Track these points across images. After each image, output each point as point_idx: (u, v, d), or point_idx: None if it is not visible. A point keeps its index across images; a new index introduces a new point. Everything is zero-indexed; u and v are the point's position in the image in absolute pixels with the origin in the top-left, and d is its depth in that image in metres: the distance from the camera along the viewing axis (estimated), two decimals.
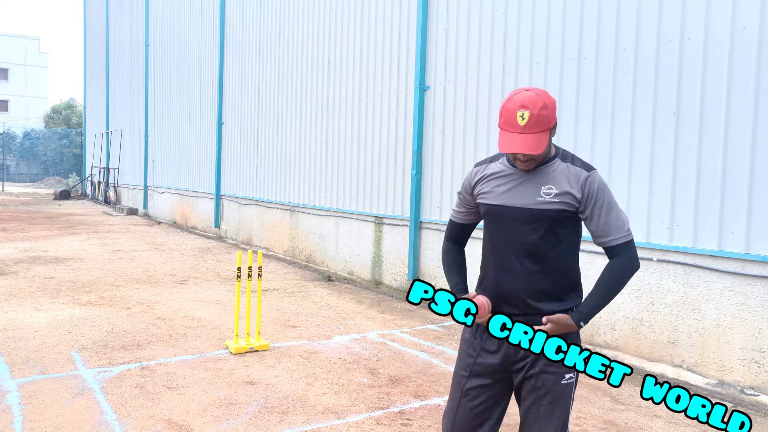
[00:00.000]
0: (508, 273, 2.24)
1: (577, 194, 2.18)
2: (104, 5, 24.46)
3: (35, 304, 6.56)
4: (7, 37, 57.56)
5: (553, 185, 2.19)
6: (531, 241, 2.20)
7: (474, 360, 2.32)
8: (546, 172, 2.23)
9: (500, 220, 2.26)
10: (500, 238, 2.27)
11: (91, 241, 11.97)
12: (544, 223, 2.19)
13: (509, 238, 2.24)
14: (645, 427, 3.87)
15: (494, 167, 2.33)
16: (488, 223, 2.32)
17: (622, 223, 2.26)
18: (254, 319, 5.58)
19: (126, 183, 21.58)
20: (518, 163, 2.20)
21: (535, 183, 2.22)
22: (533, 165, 2.21)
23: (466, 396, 2.32)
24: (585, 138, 5.60)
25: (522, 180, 2.24)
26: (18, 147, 49.21)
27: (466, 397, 2.32)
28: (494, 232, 2.29)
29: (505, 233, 2.25)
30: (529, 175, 2.23)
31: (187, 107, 15.72)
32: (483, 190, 2.31)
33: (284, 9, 10.97)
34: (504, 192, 2.25)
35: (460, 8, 7.01)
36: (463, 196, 2.41)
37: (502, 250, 2.26)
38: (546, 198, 2.18)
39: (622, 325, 5.29)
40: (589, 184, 2.19)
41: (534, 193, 2.20)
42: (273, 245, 11.32)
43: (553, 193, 2.19)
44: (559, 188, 2.19)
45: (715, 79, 4.66)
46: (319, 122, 9.86)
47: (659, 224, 5.03)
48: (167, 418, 3.75)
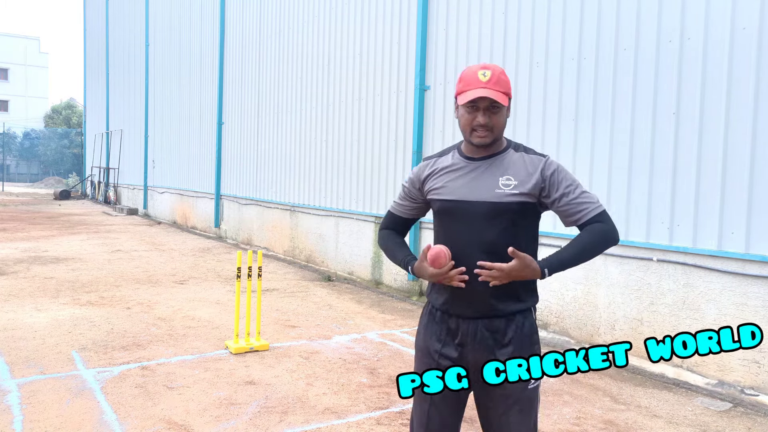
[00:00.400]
0: (469, 273, 2.07)
1: (539, 181, 2.10)
2: (104, 5, 24.46)
3: (35, 304, 6.56)
4: (7, 37, 57.56)
5: (512, 175, 2.10)
6: (492, 237, 2.08)
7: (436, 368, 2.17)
8: (501, 163, 2.13)
9: (457, 216, 2.12)
10: (458, 236, 2.11)
11: (91, 241, 11.97)
12: (505, 217, 2.08)
13: (468, 235, 2.09)
14: (645, 427, 3.87)
15: (445, 161, 2.21)
16: (443, 220, 2.18)
17: (593, 196, 2.16)
18: (254, 319, 5.58)
19: (126, 183, 21.58)
20: (475, 136, 2.08)
21: (491, 174, 2.11)
22: (491, 138, 2.10)
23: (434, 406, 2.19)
24: (585, 138, 5.60)
25: (477, 172, 2.13)
26: (18, 147, 49.21)
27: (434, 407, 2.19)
28: (451, 230, 2.14)
29: (463, 230, 2.10)
30: (484, 167, 2.13)
31: (187, 107, 15.71)
32: (435, 185, 2.19)
33: (284, 9, 10.97)
34: (459, 186, 2.13)
35: (460, 8, 7.01)
36: (409, 190, 2.30)
37: (460, 248, 2.09)
38: (506, 190, 2.08)
39: (622, 325, 5.29)
40: (548, 167, 2.13)
41: (492, 185, 2.09)
42: (273, 245, 11.32)
43: (512, 183, 2.09)
44: (518, 178, 2.10)
45: (715, 79, 4.66)
46: (319, 122, 9.86)
47: (659, 224, 5.03)
48: (167, 418, 3.75)
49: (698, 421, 3.99)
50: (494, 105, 2.06)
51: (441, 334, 2.18)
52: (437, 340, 2.18)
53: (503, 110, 2.10)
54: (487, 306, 2.11)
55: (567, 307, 5.78)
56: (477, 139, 2.10)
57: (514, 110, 6.29)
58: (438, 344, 2.18)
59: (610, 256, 5.39)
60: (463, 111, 2.10)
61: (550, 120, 5.93)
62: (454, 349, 2.16)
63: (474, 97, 2.03)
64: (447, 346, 2.16)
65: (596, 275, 5.52)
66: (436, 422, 2.19)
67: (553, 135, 5.90)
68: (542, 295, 6.01)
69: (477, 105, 2.06)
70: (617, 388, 4.57)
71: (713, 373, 4.66)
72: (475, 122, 2.08)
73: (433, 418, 2.19)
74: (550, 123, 5.92)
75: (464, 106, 2.09)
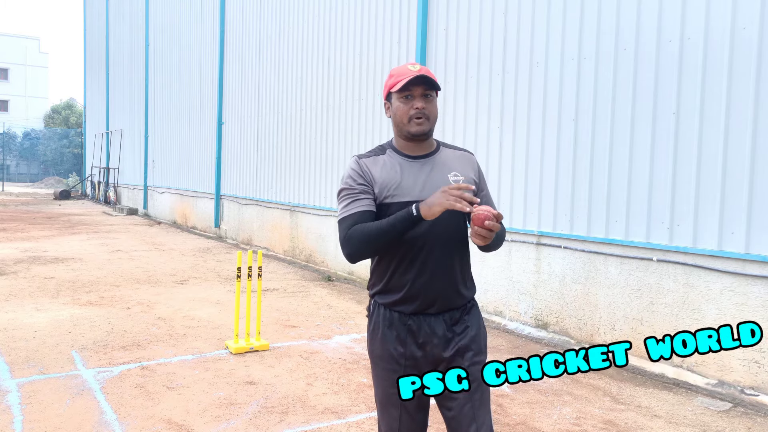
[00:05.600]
0: (433, 272, 2.08)
1: (475, 177, 2.20)
2: (104, 5, 24.47)
3: (35, 304, 6.56)
4: (7, 37, 57.55)
5: (457, 171, 2.15)
6: (449, 232, 2.10)
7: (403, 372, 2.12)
8: (443, 160, 2.17)
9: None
10: (418, 235, 2.07)
11: (91, 241, 11.97)
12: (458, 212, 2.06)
13: (431, 234, 2.08)
14: (645, 427, 3.87)
15: (385, 160, 2.14)
16: None
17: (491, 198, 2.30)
18: (254, 319, 5.58)
19: (126, 183, 21.58)
20: (413, 123, 2.08)
21: (440, 172, 2.13)
22: (428, 126, 2.11)
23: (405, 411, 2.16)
24: (585, 138, 5.60)
25: (425, 171, 2.12)
26: (18, 147, 49.20)
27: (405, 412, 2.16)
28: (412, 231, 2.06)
29: (422, 229, 2.06)
30: (430, 165, 2.13)
31: (187, 107, 15.71)
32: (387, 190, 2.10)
33: (284, 9, 10.97)
34: (413, 186, 2.10)
35: (460, 8, 7.01)
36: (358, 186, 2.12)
37: (420, 248, 2.08)
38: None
39: (622, 325, 5.29)
40: (477, 164, 2.24)
41: (444, 182, 2.09)
42: (273, 245, 11.32)
43: (460, 179, 2.13)
44: (464, 173, 2.16)
45: (715, 79, 4.66)
46: (319, 122, 9.86)
47: (659, 224, 5.03)
48: (167, 418, 3.75)
49: (698, 421, 3.99)
50: (427, 94, 2.11)
51: (401, 336, 2.13)
52: (399, 344, 2.13)
53: (435, 100, 2.14)
54: (443, 298, 2.12)
55: (567, 307, 5.78)
56: (416, 127, 2.10)
57: (515, 110, 6.29)
58: (401, 347, 2.13)
59: (610, 256, 5.39)
60: (399, 102, 2.11)
61: (550, 120, 5.93)
62: (418, 348, 2.13)
63: (410, 78, 2.05)
64: (409, 347, 2.13)
65: (596, 275, 5.52)
66: (407, 427, 2.17)
67: (553, 135, 5.90)
68: (542, 295, 6.02)
69: (412, 93, 2.10)
70: (617, 388, 4.57)
71: (713, 373, 4.66)
72: (412, 110, 2.09)
73: (404, 423, 2.16)
74: (550, 123, 5.92)
75: (399, 95, 2.11)
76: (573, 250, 5.73)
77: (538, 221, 6.05)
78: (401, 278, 2.11)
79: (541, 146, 6.01)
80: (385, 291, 2.16)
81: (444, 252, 2.10)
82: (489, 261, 6.59)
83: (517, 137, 6.28)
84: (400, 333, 2.13)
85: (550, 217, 5.95)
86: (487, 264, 6.62)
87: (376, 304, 2.20)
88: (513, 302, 6.35)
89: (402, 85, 2.08)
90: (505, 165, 6.40)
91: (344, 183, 2.16)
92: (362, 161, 2.17)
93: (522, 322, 6.22)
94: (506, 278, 6.43)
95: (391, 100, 2.15)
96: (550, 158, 5.93)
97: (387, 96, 2.17)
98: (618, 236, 5.32)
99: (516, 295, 6.31)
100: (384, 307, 2.17)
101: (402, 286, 2.11)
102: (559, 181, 5.85)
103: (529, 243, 6.16)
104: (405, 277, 2.11)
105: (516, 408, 4.10)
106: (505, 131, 6.42)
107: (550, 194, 5.94)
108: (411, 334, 2.13)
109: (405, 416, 2.16)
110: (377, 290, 2.19)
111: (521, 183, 6.23)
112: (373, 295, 2.21)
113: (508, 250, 6.39)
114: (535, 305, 6.09)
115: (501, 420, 3.88)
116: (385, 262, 2.15)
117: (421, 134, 2.11)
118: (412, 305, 2.12)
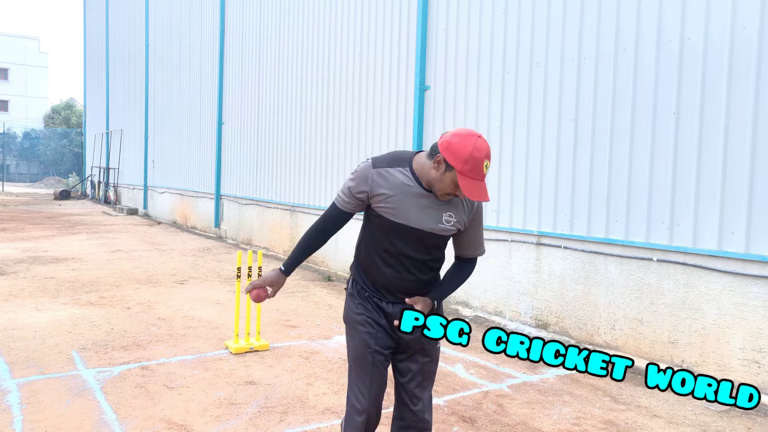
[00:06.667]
0: (401, 277, 2.46)
1: (467, 219, 2.46)
2: (104, 5, 24.46)
3: (35, 304, 6.56)
4: (7, 37, 57.54)
5: (453, 213, 2.41)
6: (426, 257, 2.46)
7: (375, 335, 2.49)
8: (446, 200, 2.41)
9: (402, 235, 2.41)
10: (396, 250, 2.43)
11: (91, 241, 11.97)
12: (440, 243, 2.45)
13: (406, 252, 2.43)
14: (645, 427, 3.87)
15: (399, 178, 2.38)
16: (387, 234, 2.43)
17: (483, 238, 2.59)
18: (254, 319, 5.58)
19: (126, 183, 21.58)
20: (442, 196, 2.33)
21: (438, 210, 2.39)
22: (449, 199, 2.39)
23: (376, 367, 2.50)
24: (585, 138, 5.61)
25: (426, 203, 2.38)
26: (18, 147, 49.19)
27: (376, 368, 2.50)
28: (392, 243, 2.43)
29: (403, 247, 2.42)
30: (432, 200, 2.38)
31: (187, 107, 15.72)
32: (387, 204, 2.38)
33: (284, 9, 10.97)
34: (409, 212, 2.38)
35: (460, 8, 7.01)
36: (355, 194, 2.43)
37: (395, 259, 2.45)
38: (446, 225, 2.41)
39: (622, 324, 5.29)
40: (477, 207, 2.47)
41: (438, 219, 2.40)
42: (273, 245, 11.32)
43: (453, 221, 2.42)
44: (457, 216, 2.42)
45: (715, 79, 4.66)
46: (319, 122, 9.86)
47: (659, 224, 5.03)
48: (167, 418, 3.75)
49: (698, 421, 3.99)
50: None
51: (374, 307, 2.52)
52: (376, 312, 2.51)
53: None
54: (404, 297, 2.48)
55: (567, 307, 5.78)
56: (443, 196, 2.35)
57: (515, 110, 6.29)
58: (376, 315, 2.51)
59: (610, 256, 5.39)
60: (452, 177, 2.26)
61: (550, 120, 5.93)
62: (386, 320, 2.51)
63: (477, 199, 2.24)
64: (380, 318, 2.52)
65: (596, 275, 5.52)
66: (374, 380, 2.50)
67: (553, 135, 5.90)
68: (542, 295, 6.02)
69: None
70: (617, 388, 4.57)
71: (713, 373, 4.66)
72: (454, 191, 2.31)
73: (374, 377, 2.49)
74: (550, 123, 5.92)
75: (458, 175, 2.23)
76: (573, 250, 5.73)
77: (538, 221, 6.05)
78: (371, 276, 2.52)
79: (541, 146, 6.01)
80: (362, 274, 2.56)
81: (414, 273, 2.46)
82: (489, 261, 6.59)
83: (517, 137, 6.28)
84: (373, 307, 2.52)
85: (550, 217, 5.95)
86: (487, 264, 6.62)
87: (353, 280, 2.59)
88: (513, 302, 6.35)
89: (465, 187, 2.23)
90: (505, 165, 6.40)
91: (350, 181, 2.46)
92: (373, 172, 2.40)
93: (522, 322, 6.22)
94: (506, 278, 6.43)
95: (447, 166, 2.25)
96: (550, 158, 5.93)
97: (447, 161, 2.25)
98: (618, 236, 5.32)
99: (516, 295, 6.31)
100: (360, 285, 2.56)
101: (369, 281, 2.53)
102: (559, 181, 5.85)
103: (529, 243, 6.16)
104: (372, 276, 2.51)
105: (516, 408, 4.10)
106: (505, 131, 6.42)
107: (550, 194, 5.94)
108: (382, 312, 2.51)
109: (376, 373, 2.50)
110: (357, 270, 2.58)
111: (521, 183, 6.23)
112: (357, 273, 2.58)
113: (508, 250, 6.40)
114: (535, 305, 6.10)
115: (501, 420, 3.88)
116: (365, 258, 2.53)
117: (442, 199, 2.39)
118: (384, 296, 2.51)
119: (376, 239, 2.47)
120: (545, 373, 4.87)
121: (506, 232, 6.40)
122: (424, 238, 2.40)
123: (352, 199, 2.44)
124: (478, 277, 6.74)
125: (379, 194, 2.38)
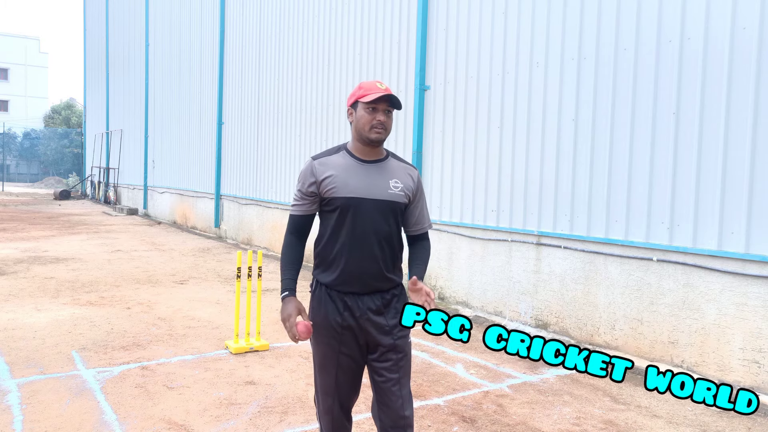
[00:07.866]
0: (365, 258, 2.49)
1: (413, 187, 2.59)
2: (104, 5, 24.46)
3: (35, 304, 6.56)
4: (7, 37, 57.54)
5: (398, 179, 2.55)
6: (385, 229, 2.51)
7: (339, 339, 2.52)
8: (387, 168, 2.56)
9: (359, 211, 2.47)
10: (358, 228, 2.48)
11: (91, 241, 11.97)
12: (394, 212, 2.53)
13: (367, 227, 2.48)
14: (645, 427, 3.87)
15: (338, 160, 2.53)
16: (344, 214, 2.49)
17: (428, 213, 2.72)
18: (254, 319, 5.58)
19: (126, 183, 21.58)
20: (373, 132, 2.45)
21: (383, 177, 2.53)
22: (385, 136, 2.48)
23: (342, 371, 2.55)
24: (585, 138, 5.61)
25: (370, 174, 2.51)
26: (18, 147, 49.18)
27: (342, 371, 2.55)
28: (351, 222, 2.48)
29: (363, 222, 2.48)
30: (375, 170, 2.52)
31: (187, 107, 15.72)
32: (333, 184, 2.48)
33: (284, 9, 10.97)
34: (357, 185, 2.48)
35: (460, 8, 7.01)
36: (306, 190, 2.53)
37: (359, 238, 2.48)
38: (395, 191, 2.52)
39: (622, 324, 5.29)
40: (418, 179, 2.63)
41: (384, 186, 2.51)
42: (273, 245, 11.32)
43: (399, 186, 2.54)
44: (402, 182, 2.56)
45: (715, 79, 4.66)
46: (319, 122, 9.86)
47: (659, 224, 5.03)
48: (167, 418, 3.75)
49: (698, 421, 3.99)
50: (389, 110, 2.48)
51: (339, 308, 2.52)
52: (338, 314, 2.51)
53: (392, 115, 2.53)
54: (373, 285, 2.52)
55: (567, 307, 5.78)
56: (375, 135, 2.47)
57: (515, 110, 6.29)
58: (339, 317, 2.51)
59: (610, 256, 5.39)
60: (364, 112, 2.46)
61: (550, 120, 5.93)
62: (353, 320, 2.52)
63: (377, 96, 2.41)
64: (345, 318, 2.51)
65: (596, 275, 5.52)
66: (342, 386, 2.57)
67: (553, 135, 5.90)
68: (542, 295, 6.02)
69: (377, 107, 2.45)
70: (617, 388, 4.57)
71: (713, 373, 4.66)
72: (375, 120, 2.46)
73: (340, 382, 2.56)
74: (550, 123, 5.92)
75: (366, 106, 2.45)
76: (573, 250, 5.73)
77: (538, 221, 6.05)
78: (338, 263, 2.51)
79: (541, 146, 6.01)
80: (322, 270, 2.57)
81: (379, 248, 2.50)
82: (489, 261, 6.59)
83: (517, 137, 6.28)
84: (337, 306, 2.52)
85: (550, 217, 5.95)
86: (487, 264, 6.62)
87: (315, 281, 2.60)
88: (513, 302, 6.35)
89: (371, 99, 2.43)
90: (505, 165, 6.40)
91: (297, 184, 2.58)
92: (314, 163, 2.54)
93: (522, 322, 6.22)
94: (506, 278, 6.43)
95: (356, 108, 2.50)
96: (550, 158, 5.93)
97: (353, 104, 2.52)
98: (618, 236, 5.32)
99: (516, 295, 6.31)
100: (321, 284, 2.56)
101: (338, 269, 2.51)
102: (559, 181, 5.85)
103: (529, 243, 6.16)
104: (339, 262, 2.50)
105: (516, 408, 4.10)
106: (505, 131, 6.41)
107: (550, 194, 5.94)
108: (347, 309, 2.51)
109: (341, 376, 2.56)
110: (323, 266, 2.57)
111: (521, 183, 6.23)
112: (317, 272, 2.59)
113: (508, 250, 6.40)
114: (535, 305, 6.09)
115: (501, 420, 3.88)
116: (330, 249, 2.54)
117: (378, 141, 2.49)
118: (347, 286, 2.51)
119: (337, 226, 2.51)
120: (545, 373, 4.87)
121: (506, 232, 6.40)
122: (380, 207, 2.48)
123: (305, 198, 2.54)
124: (478, 276, 6.74)
125: (326, 177, 2.48)
